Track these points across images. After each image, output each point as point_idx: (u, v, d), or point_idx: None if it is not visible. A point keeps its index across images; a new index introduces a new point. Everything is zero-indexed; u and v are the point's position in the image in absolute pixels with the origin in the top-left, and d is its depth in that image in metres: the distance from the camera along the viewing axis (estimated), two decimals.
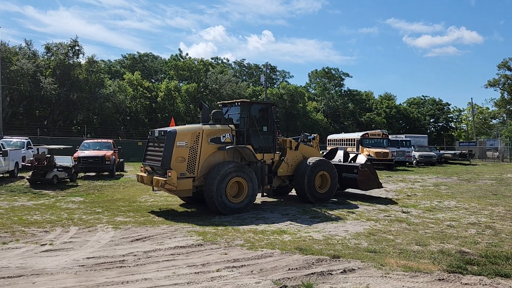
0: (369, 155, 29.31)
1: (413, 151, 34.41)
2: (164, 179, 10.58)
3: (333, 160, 15.94)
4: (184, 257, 7.04)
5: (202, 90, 50.40)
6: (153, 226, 9.42)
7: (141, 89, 47.35)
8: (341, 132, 43.12)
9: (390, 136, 33.35)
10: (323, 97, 66.83)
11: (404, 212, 11.81)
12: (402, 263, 6.66)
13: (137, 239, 8.20)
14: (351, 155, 16.08)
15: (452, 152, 41.52)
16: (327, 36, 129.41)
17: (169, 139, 10.83)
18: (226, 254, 7.24)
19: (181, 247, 7.68)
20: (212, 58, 69.02)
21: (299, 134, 15.09)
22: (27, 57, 38.41)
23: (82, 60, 40.85)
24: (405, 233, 9.08)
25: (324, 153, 16.70)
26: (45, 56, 40.72)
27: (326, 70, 69.28)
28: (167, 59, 64.88)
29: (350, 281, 5.90)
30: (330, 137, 38.72)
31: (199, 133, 11.16)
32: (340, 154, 16.14)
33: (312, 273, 6.16)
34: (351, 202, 13.71)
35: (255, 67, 71.89)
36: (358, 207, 12.63)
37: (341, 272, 6.25)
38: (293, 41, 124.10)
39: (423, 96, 77.34)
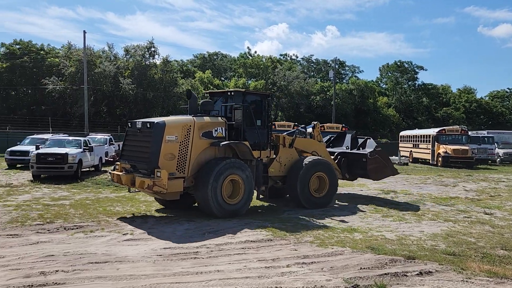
0: (446, 152, 27.68)
1: (496, 148, 31.82)
2: (152, 180, 9.01)
3: (340, 147, 14.45)
4: (254, 251, 7.17)
5: (270, 87, 50.77)
6: (224, 220, 9.69)
7: (211, 87, 48.86)
8: (415, 128, 41.02)
9: (470, 132, 31.13)
10: (395, 92, 64.06)
11: (486, 214, 10.98)
12: (486, 268, 6.20)
13: (209, 232, 8.49)
14: (360, 141, 14.19)
15: None
16: (398, 29, 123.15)
17: (156, 133, 9.32)
18: (295, 250, 7.25)
19: (251, 241, 7.82)
20: (281, 55, 69.27)
21: (370, 130, 14.25)
22: (109, 60, 41.39)
23: (157, 60, 43.17)
24: (489, 236, 8.44)
25: (332, 138, 15.30)
26: (124, 58, 43.56)
27: (398, 63, 66.19)
28: (236, 57, 66.26)
29: (427, 284, 5.62)
30: (403, 133, 37.09)
31: (190, 126, 9.64)
32: (348, 140, 14.46)
33: (385, 274, 5.97)
34: (426, 201, 13.03)
35: (323, 62, 70.68)
36: (434, 207, 11.96)
37: (417, 274, 5.98)
38: (361, 35, 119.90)
39: (508, 89, 70.98)
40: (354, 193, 14.70)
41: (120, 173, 10.09)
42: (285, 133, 12.74)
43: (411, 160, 31.74)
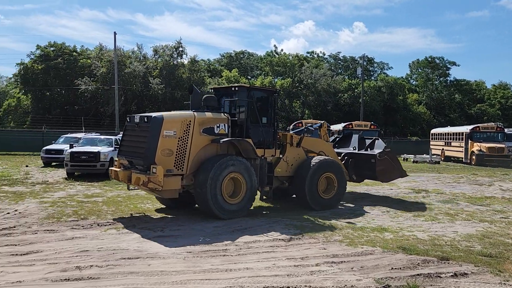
0: (480, 150, 26.79)
1: None
2: (148, 176, 8.73)
3: (346, 147, 13.93)
4: (283, 250, 7.15)
5: (297, 85, 50.51)
6: (252, 217, 9.71)
7: None
8: (447, 126, 39.88)
9: (506, 130, 29.99)
10: (426, 89, 62.43)
11: None
12: None
13: (237, 230, 8.53)
14: (368, 141, 13.63)
15: None
16: (429, 23, 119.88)
17: (153, 127, 8.99)
18: (324, 249, 7.19)
19: (280, 239, 7.81)
20: (307, 53, 68.78)
21: (399, 128, 13.84)
22: (138, 60, 42.25)
23: (185, 60, 43.74)
24: None
25: (338, 138, 14.82)
26: (153, 58, 44.35)
27: (430, 59, 64.47)
28: (262, 56, 66.27)
29: (462, 286, 5.45)
30: (434, 131, 36.15)
31: (190, 121, 9.29)
32: (355, 141, 13.99)
33: (418, 274, 5.84)
34: (459, 201, 12.65)
35: (351, 59, 69.71)
36: (468, 207, 11.60)
37: (452, 275, 5.82)
38: (390, 30, 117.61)
39: None
40: (384, 192, 14.45)
41: (118, 169, 9.86)
42: (292, 131, 12.23)
43: (442, 159, 30.90)
